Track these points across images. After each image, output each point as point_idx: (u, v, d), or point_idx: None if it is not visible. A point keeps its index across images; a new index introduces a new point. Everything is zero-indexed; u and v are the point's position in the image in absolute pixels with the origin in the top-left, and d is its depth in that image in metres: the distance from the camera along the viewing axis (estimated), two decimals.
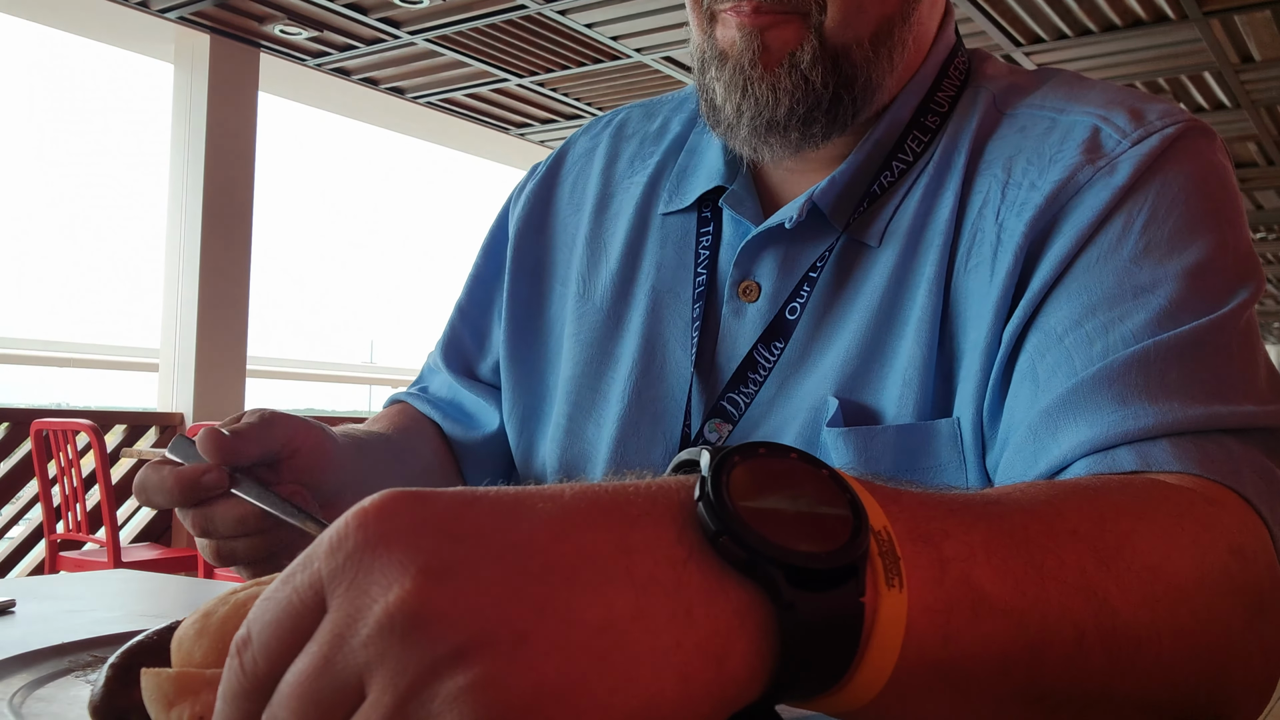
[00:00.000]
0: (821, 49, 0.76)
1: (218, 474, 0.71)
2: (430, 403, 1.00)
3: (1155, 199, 0.70)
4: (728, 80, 0.78)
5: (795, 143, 0.79)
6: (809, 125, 0.78)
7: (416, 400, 1.00)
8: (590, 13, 4.94)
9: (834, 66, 0.77)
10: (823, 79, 0.76)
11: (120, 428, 5.25)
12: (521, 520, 0.33)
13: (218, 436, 0.72)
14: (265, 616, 0.33)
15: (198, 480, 0.71)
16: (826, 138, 0.79)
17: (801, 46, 0.76)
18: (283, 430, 0.76)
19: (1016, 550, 0.43)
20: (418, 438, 0.96)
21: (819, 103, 0.77)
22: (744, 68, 0.77)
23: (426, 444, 0.96)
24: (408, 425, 0.96)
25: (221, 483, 0.71)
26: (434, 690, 0.30)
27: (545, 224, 0.97)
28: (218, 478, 0.71)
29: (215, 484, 0.71)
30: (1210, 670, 0.49)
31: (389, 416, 0.98)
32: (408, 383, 1.07)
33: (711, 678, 0.33)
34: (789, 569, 0.34)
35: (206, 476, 0.71)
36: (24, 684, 0.60)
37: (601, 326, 0.89)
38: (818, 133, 0.79)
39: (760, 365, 0.78)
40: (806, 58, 0.76)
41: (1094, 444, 0.62)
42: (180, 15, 5.13)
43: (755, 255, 0.82)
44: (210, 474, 0.71)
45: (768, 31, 0.76)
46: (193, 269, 5.35)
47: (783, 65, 0.76)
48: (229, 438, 0.72)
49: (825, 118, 0.78)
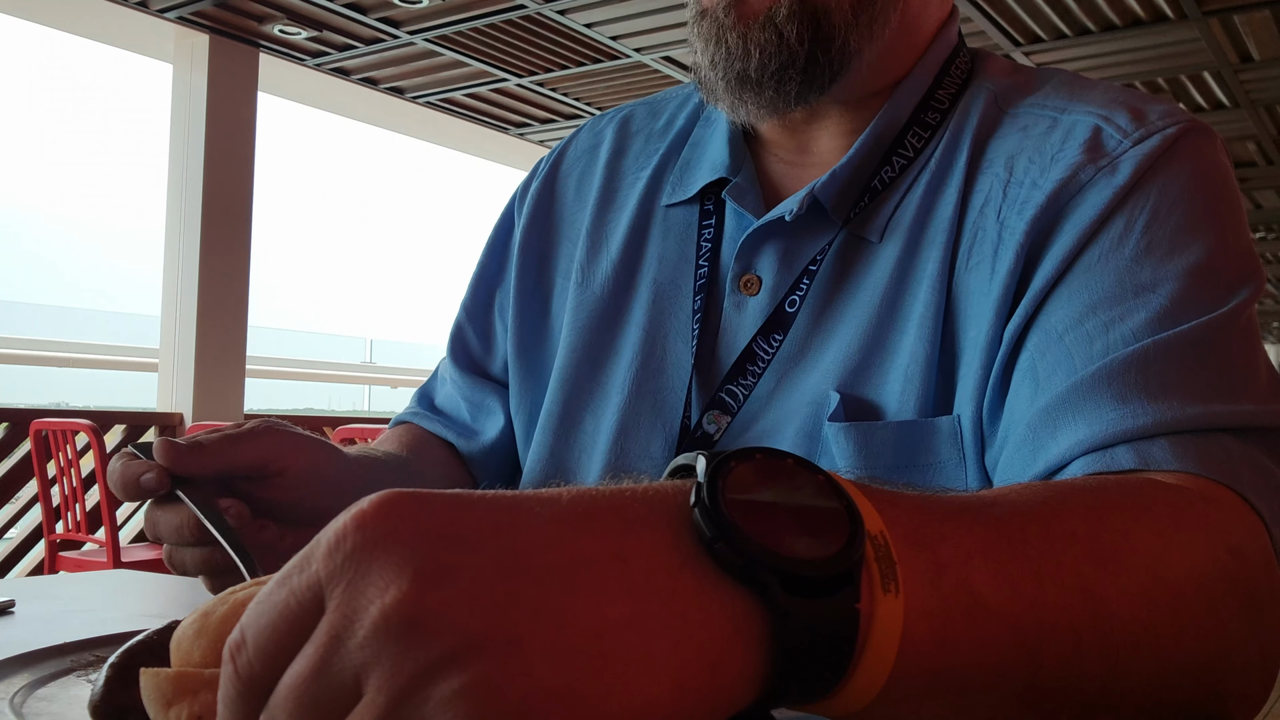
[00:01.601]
0: (801, 6, 0.76)
1: (158, 476, 0.71)
2: (437, 419, 0.99)
3: (1157, 199, 0.70)
4: (705, 32, 0.79)
5: (770, 100, 0.79)
6: (783, 83, 0.78)
7: (422, 419, 1.00)
8: (589, 12, 4.94)
9: (812, 22, 0.77)
10: (798, 34, 0.76)
11: (120, 428, 5.25)
12: (518, 524, 0.33)
13: (166, 443, 0.72)
14: (261, 620, 0.33)
15: (136, 478, 0.71)
16: (803, 99, 0.79)
17: (779, 2, 0.76)
18: (267, 447, 0.76)
19: (1013, 552, 0.43)
20: (429, 456, 0.95)
21: (794, 59, 0.77)
22: (718, 16, 0.78)
23: (438, 462, 0.96)
24: (416, 444, 0.96)
25: (161, 485, 0.71)
26: (428, 693, 0.30)
27: (549, 219, 0.97)
28: (157, 480, 0.71)
29: (153, 486, 0.71)
30: (1208, 670, 0.49)
31: (396, 437, 0.98)
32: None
33: (706, 683, 0.33)
34: (785, 576, 0.34)
35: (146, 476, 0.71)
36: (24, 684, 0.60)
37: (601, 317, 0.89)
38: (792, 91, 0.79)
39: (759, 357, 0.78)
40: (782, 12, 0.76)
41: (1093, 442, 0.62)
42: (179, 15, 5.12)
43: (756, 248, 0.82)
44: (150, 474, 0.71)
45: None
46: (192, 269, 5.35)
47: (758, 19, 0.77)
48: (176, 445, 0.72)
49: (801, 76, 0.78)
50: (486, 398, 0.97)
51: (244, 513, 0.73)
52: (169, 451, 0.72)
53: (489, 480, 0.97)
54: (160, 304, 5.51)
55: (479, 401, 0.98)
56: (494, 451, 0.96)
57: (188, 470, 0.72)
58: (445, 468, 0.96)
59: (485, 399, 0.97)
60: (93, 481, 4.27)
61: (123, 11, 5.06)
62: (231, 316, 5.49)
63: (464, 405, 0.99)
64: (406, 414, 1.02)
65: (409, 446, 0.95)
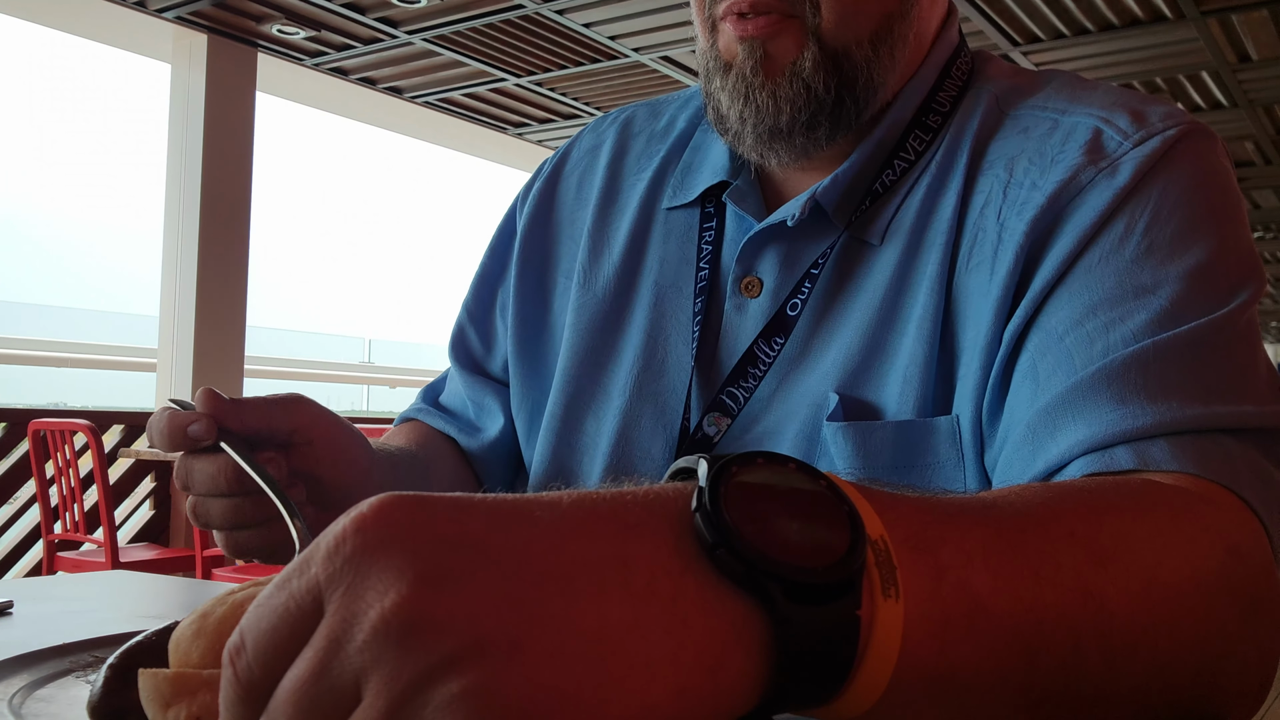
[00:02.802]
0: (822, 53, 0.77)
1: (206, 424, 0.72)
2: (441, 416, 1.00)
3: (1158, 200, 0.70)
4: (731, 88, 0.79)
5: (801, 147, 0.80)
6: (813, 130, 0.79)
7: (428, 416, 1.00)
8: (588, 12, 4.93)
9: (835, 69, 0.77)
10: (824, 84, 0.77)
11: (118, 428, 5.25)
12: (519, 527, 0.33)
13: (212, 393, 0.74)
14: (260, 624, 0.33)
15: (183, 428, 0.72)
16: (831, 140, 0.80)
17: (802, 54, 0.77)
18: (300, 416, 0.77)
19: (1013, 554, 0.43)
20: (439, 453, 0.96)
21: (821, 107, 0.78)
22: (746, 75, 0.78)
23: (447, 458, 0.96)
24: (425, 441, 0.97)
25: (209, 434, 0.72)
26: (427, 697, 0.30)
27: (550, 220, 0.97)
28: (205, 429, 0.72)
29: (201, 434, 0.72)
30: (1206, 670, 0.49)
31: (404, 434, 0.98)
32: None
33: (707, 688, 0.33)
34: (786, 583, 0.34)
35: (193, 426, 0.72)
36: (23, 684, 0.60)
37: (602, 319, 0.89)
38: (822, 136, 0.80)
39: (760, 360, 0.79)
40: (808, 65, 0.77)
41: (1092, 442, 0.62)
42: (178, 15, 5.12)
43: (758, 251, 0.82)
44: (197, 424, 0.72)
45: (770, 42, 0.77)
46: (190, 268, 5.35)
47: (784, 74, 0.77)
48: (222, 397, 0.74)
49: (829, 121, 0.79)
50: (486, 397, 0.98)
51: (284, 466, 0.75)
52: (213, 401, 0.73)
53: (493, 478, 0.98)
54: (159, 304, 5.51)
55: (479, 401, 0.98)
56: (496, 449, 0.97)
57: (229, 424, 0.73)
58: (454, 464, 0.96)
59: (485, 399, 0.98)
60: (91, 481, 4.26)
61: (121, 11, 5.06)
62: (230, 316, 5.49)
63: (468, 404, 0.99)
64: (412, 410, 1.03)
65: (418, 443, 0.96)
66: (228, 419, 0.73)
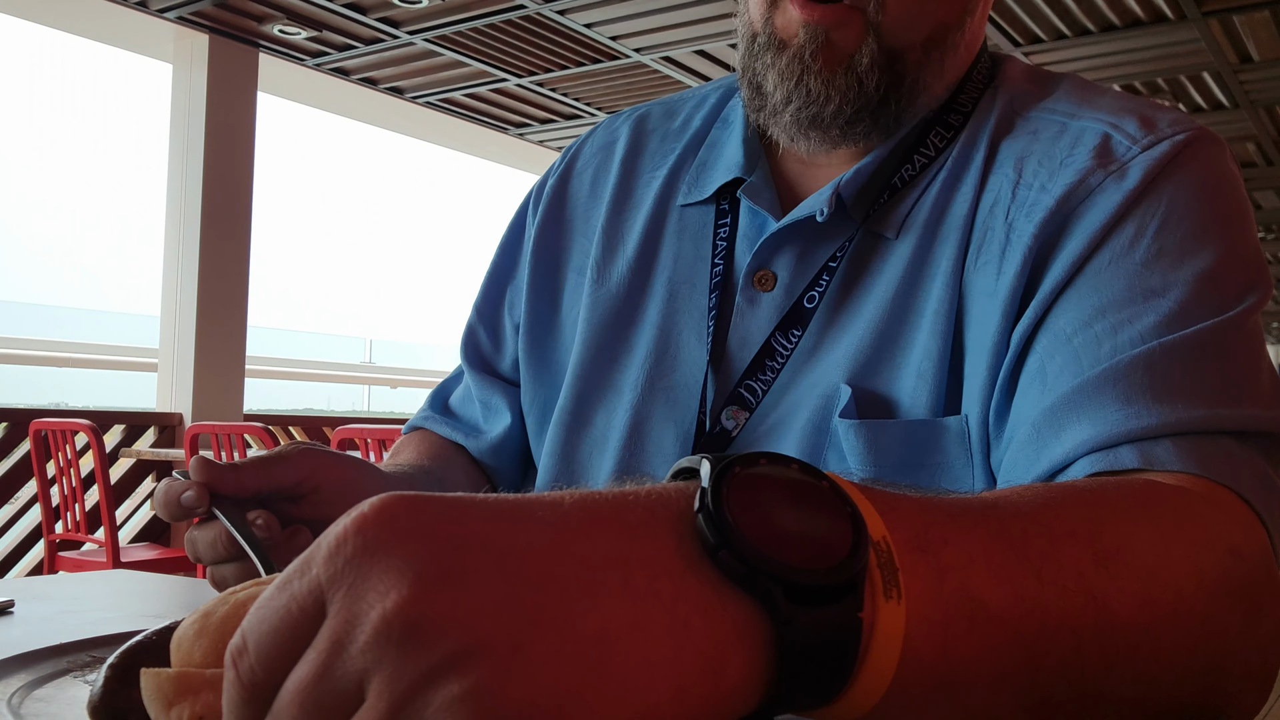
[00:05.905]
0: (879, 50, 0.77)
1: (198, 492, 0.72)
2: (446, 422, 1.00)
3: (1168, 205, 0.71)
4: (783, 68, 0.79)
5: (835, 139, 0.81)
6: (853, 125, 0.79)
7: (435, 424, 1.00)
8: (589, 12, 4.93)
9: (888, 68, 0.78)
10: (876, 83, 0.78)
11: (119, 428, 5.25)
12: (521, 528, 0.33)
13: (205, 461, 0.74)
14: (262, 625, 0.33)
15: (177, 496, 0.73)
16: (866, 137, 0.81)
17: (861, 48, 0.77)
18: (300, 466, 0.77)
19: (1015, 555, 0.43)
20: (450, 463, 0.96)
21: (867, 104, 0.78)
22: (804, 59, 0.77)
23: (459, 466, 0.96)
24: (435, 452, 0.97)
25: (200, 501, 0.72)
26: (428, 697, 0.30)
27: (563, 217, 0.97)
28: (196, 497, 0.72)
29: (192, 503, 0.72)
30: (1207, 671, 0.49)
31: (413, 445, 0.98)
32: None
33: (708, 690, 0.33)
34: (788, 585, 0.34)
35: (185, 495, 0.73)
36: (22, 684, 0.60)
37: (615, 315, 0.89)
38: (859, 131, 0.80)
39: (778, 353, 0.79)
40: (865, 60, 0.77)
41: (1097, 442, 0.62)
42: (179, 15, 5.12)
43: (777, 246, 0.82)
44: (189, 492, 0.73)
45: (834, 30, 0.76)
46: (192, 268, 5.35)
47: (842, 65, 0.77)
48: (216, 464, 0.74)
49: (870, 118, 0.79)
50: (494, 397, 0.98)
51: (272, 522, 0.74)
52: (205, 469, 0.73)
53: (503, 479, 0.98)
54: (160, 304, 5.51)
55: (487, 401, 0.98)
56: (501, 450, 0.97)
57: (224, 488, 0.73)
58: (465, 471, 0.96)
59: (493, 398, 0.98)
60: (92, 481, 4.27)
61: (122, 11, 5.06)
62: (231, 316, 5.49)
63: (477, 405, 0.99)
64: (418, 419, 1.03)
65: (429, 455, 0.96)
66: (222, 484, 0.73)
